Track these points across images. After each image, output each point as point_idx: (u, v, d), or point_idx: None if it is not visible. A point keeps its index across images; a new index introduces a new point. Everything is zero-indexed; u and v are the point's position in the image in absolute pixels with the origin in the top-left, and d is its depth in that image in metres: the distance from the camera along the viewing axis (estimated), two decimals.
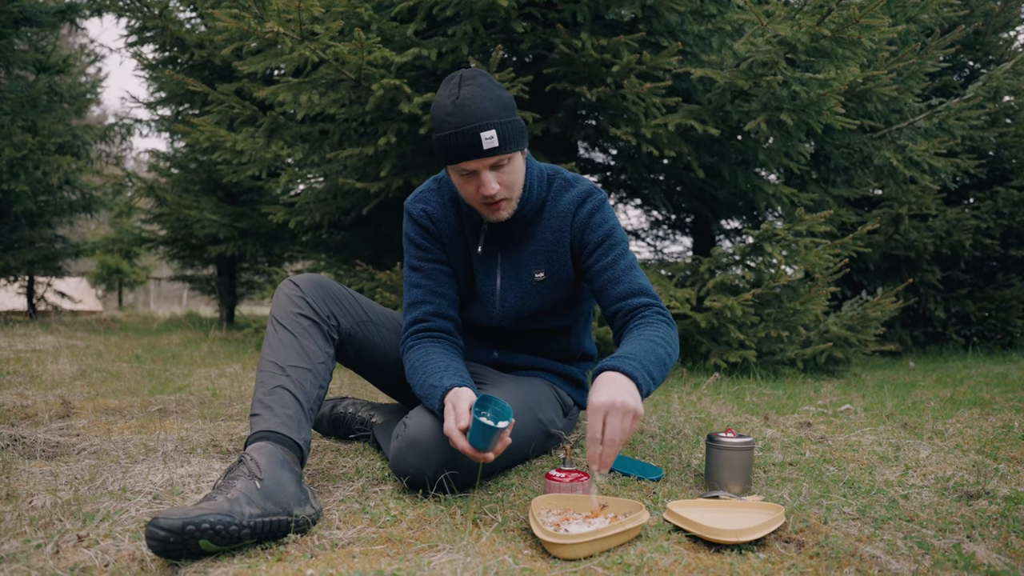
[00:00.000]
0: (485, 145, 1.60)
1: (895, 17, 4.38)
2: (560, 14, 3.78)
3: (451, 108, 1.61)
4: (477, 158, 1.61)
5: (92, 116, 17.97)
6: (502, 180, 1.67)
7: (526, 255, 1.84)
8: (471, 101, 1.61)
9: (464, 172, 1.66)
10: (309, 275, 1.79)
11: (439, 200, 1.88)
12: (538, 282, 1.85)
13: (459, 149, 1.61)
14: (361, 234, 5.50)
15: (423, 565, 1.17)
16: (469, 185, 1.68)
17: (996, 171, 6.30)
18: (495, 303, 1.88)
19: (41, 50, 8.20)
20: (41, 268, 8.65)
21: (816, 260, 3.80)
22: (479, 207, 1.73)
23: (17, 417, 2.28)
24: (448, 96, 1.63)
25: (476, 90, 1.62)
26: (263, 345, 1.66)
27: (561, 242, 1.82)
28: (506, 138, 1.62)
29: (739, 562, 1.23)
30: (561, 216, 1.82)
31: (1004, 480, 1.75)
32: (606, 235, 1.79)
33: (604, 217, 1.80)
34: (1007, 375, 4.03)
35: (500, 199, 1.69)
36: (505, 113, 1.63)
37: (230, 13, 3.52)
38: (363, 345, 1.84)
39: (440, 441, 1.54)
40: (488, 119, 1.60)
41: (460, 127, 1.60)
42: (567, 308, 1.94)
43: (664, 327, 1.67)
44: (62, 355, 4.00)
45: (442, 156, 1.66)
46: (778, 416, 2.58)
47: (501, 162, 1.65)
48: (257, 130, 4.36)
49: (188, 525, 1.15)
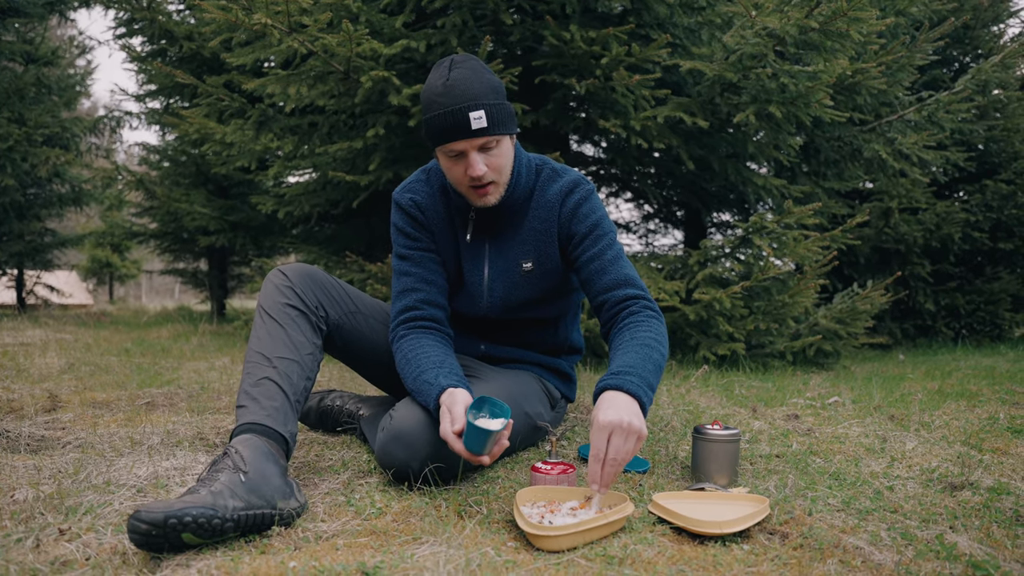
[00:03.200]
0: (474, 125, 1.60)
1: (884, 10, 4.38)
2: (549, 6, 3.77)
3: (441, 89, 1.62)
4: (465, 138, 1.62)
5: (82, 109, 17.86)
6: (490, 163, 1.67)
7: (514, 245, 1.84)
8: (461, 83, 1.61)
9: (452, 153, 1.66)
10: (298, 264, 1.77)
11: (427, 190, 1.87)
12: (526, 272, 1.84)
13: (448, 129, 1.61)
14: (351, 226, 5.49)
15: (406, 557, 1.17)
16: (457, 168, 1.68)
17: (985, 164, 6.33)
18: (483, 293, 1.87)
19: (29, 41, 8.14)
20: (30, 261, 8.61)
21: (805, 253, 3.80)
22: (466, 192, 1.72)
23: (2, 411, 2.27)
24: (439, 78, 1.64)
25: (466, 72, 1.63)
26: (250, 335, 1.65)
27: (549, 232, 1.82)
28: (495, 120, 1.62)
29: (723, 554, 1.24)
30: (548, 206, 1.81)
31: (988, 471, 1.76)
32: (593, 225, 1.79)
33: (591, 208, 1.80)
34: (995, 367, 4.05)
35: (488, 182, 1.69)
36: (495, 96, 1.64)
37: (218, 5, 3.50)
38: (352, 336, 1.83)
39: (426, 434, 1.54)
40: (477, 100, 1.60)
41: (449, 107, 1.60)
42: (555, 299, 1.94)
43: (654, 324, 1.66)
44: (50, 349, 3.98)
45: (431, 137, 1.66)
46: (766, 408, 2.59)
47: (489, 144, 1.65)
48: (246, 122, 4.34)
49: (170, 519, 1.14)
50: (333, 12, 3.49)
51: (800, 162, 4.63)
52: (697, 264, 3.82)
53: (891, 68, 4.16)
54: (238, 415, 1.49)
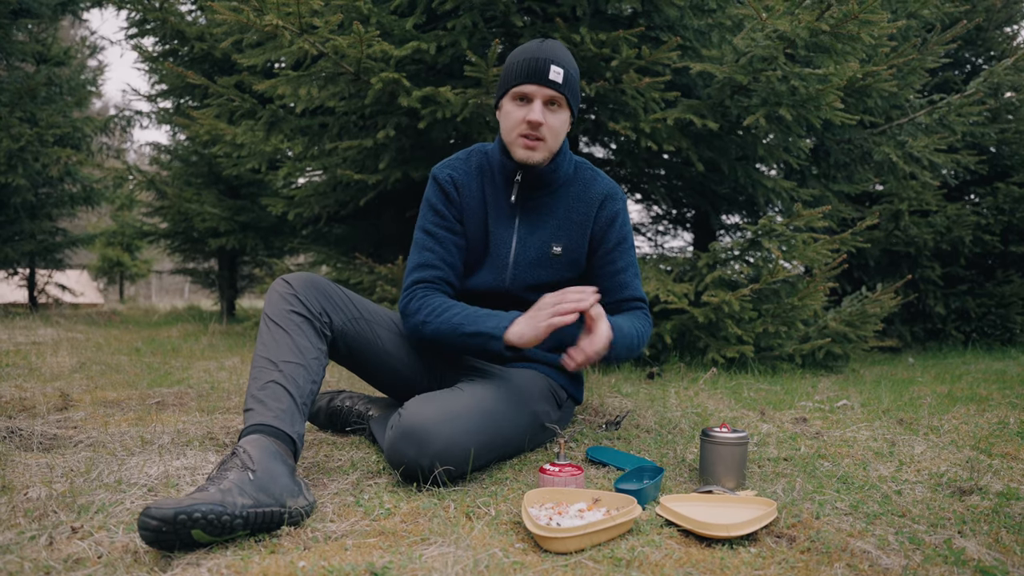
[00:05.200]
0: (551, 75, 1.79)
1: (895, 12, 4.37)
2: (559, 8, 3.77)
3: (534, 46, 1.83)
4: (539, 83, 1.79)
5: (94, 109, 17.96)
6: (548, 120, 1.82)
7: (548, 227, 1.96)
8: (555, 47, 1.83)
9: (520, 96, 1.83)
10: (301, 273, 1.80)
11: (466, 168, 1.98)
12: (554, 255, 1.96)
13: (527, 72, 1.80)
14: (361, 228, 5.51)
15: (415, 558, 1.18)
16: (519, 111, 1.83)
17: (997, 167, 6.29)
18: (508, 267, 1.95)
19: (41, 42, 8.19)
20: (42, 261, 8.66)
21: (815, 255, 3.79)
22: (515, 140, 1.85)
23: (15, 409, 2.29)
24: (534, 41, 1.86)
25: (560, 46, 1.86)
26: (256, 342, 1.67)
27: (584, 226, 1.96)
28: (568, 84, 1.82)
29: (730, 557, 1.24)
30: (589, 202, 1.96)
31: (997, 476, 1.75)
32: (622, 239, 1.99)
33: (624, 220, 1.99)
34: (1006, 371, 4.03)
35: (540, 136, 1.83)
36: (574, 72, 1.84)
37: (229, 6, 3.52)
38: (356, 342, 1.85)
39: (435, 430, 1.55)
40: (561, 63, 1.81)
41: (537, 55, 1.80)
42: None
43: (648, 324, 1.97)
44: (62, 348, 4.01)
45: (507, 79, 1.84)
46: (774, 411, 2.58)
47: (555, 99, 1.82)
48: (257, 123, 4.36)
49: (180, 515, 1.16)
50: (344, 14, 3.50)
51: (810, 165, 4.61)
52: (706, 266, 3.82)
53: (902, 71, 4.15)
54: (245, 418, 1.51)
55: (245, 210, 7.17)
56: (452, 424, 1.57)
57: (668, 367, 3.64)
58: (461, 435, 1.58)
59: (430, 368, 1.95)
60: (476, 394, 1.71)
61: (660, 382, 3.22)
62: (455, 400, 1.65)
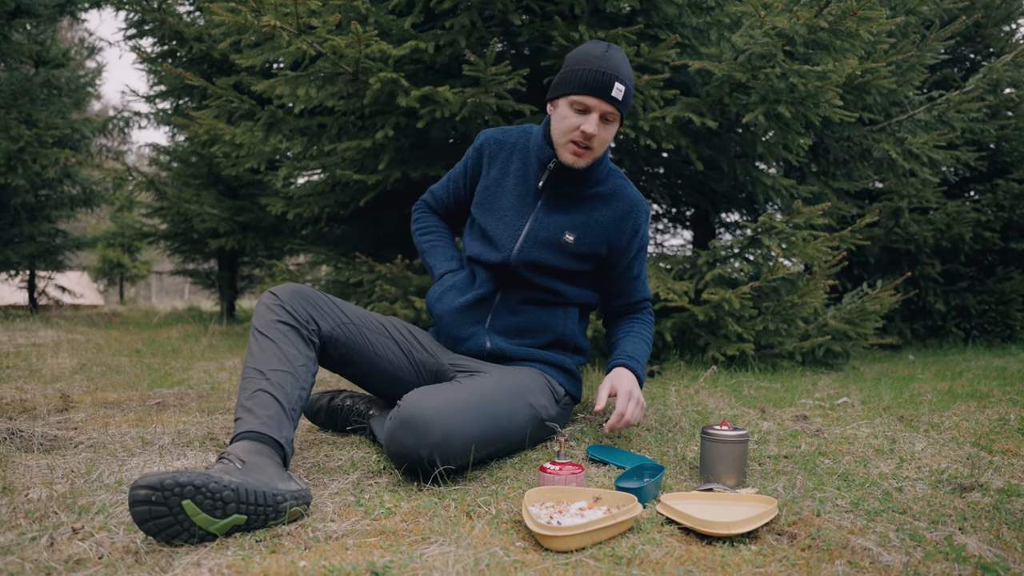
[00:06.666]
0: (614, 92, 1.85)
1: (894, 9, 4.36)
2: (558, 6, 3.77)
3: (600, 53, 1.87)
4: (602, 98, 1.85)
5: (93, 111, 17.95)
6: (600, 132, 1.89)
7: (567, 216, 2.03)
8: (619, 59, 1.88)
9: (579, 107, 1.88)
10: (287, 284, 1.82)
11: (515, 141, 2.12)
12: (565, 242, 2.02)
13: (593, 85, 1.84)
14: (361, 228, 5.50)
15: (415, 557, 1.18)
16: (574, 120, 1.89)
17: (997, 164, 6.28)
18: (519, 239, 2.02)
19: (40, 43, 8.19)
20: (42, 262, 8.66)
21: (814, 253, 3.79)
22: (566, 145, 1.93)
23: (15, 411, 2.29)
24: (598, 47, 1.89)
25: (622, 56, 1.90)
26: (245, 355, 1.68)
27: (603, 228, 2.04)
28: (626, 103, 1.89)
29: (731, 554, 1.24)
30: (615, 210, 2.05)
31: (998, 472, 1.75)
32: (642, 248, 2.12)
33: (646, 231, 2.11)
34: (1006, 368, 4.03)
35: (591, 146, 1.92)
36: (631, 84, 1.90)
37: (227, 7, 3.52)
38: (346, 347, 1.86)
39: (434, 420, 1.55)
40: (624, 79, 1.87)
41: (603, 69, 1.84)
42: (574, 283, 2.07)
43: (651, 325, 2.19)
44: (62, 349, 4.01)
45: (572, 85, 1.87)
46: (775, 409, 2.58)
47: (611, 116, 1.89)
48: (255, 124, 4.35)
49: (166, 480, 1.19)
50: (342, 13, 3.50)
51: (809, 162, 4.61)
52: (706, 264, 3.82)
53: (901, 67, 4.14)
54: (234, 428, 1.52)
55: (245, 210, 7.17)
56: (451, 414, 1.58)
57: (668, 365, 3.64)
58: (460, 425, 1.59)
59: (421, 369, 1.98)
60: (474, 386, 1.74)
61: (660, 380, 3.22)
62: (453, 391, 1.67)
